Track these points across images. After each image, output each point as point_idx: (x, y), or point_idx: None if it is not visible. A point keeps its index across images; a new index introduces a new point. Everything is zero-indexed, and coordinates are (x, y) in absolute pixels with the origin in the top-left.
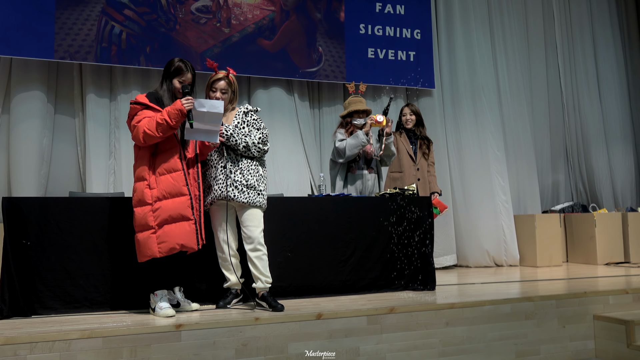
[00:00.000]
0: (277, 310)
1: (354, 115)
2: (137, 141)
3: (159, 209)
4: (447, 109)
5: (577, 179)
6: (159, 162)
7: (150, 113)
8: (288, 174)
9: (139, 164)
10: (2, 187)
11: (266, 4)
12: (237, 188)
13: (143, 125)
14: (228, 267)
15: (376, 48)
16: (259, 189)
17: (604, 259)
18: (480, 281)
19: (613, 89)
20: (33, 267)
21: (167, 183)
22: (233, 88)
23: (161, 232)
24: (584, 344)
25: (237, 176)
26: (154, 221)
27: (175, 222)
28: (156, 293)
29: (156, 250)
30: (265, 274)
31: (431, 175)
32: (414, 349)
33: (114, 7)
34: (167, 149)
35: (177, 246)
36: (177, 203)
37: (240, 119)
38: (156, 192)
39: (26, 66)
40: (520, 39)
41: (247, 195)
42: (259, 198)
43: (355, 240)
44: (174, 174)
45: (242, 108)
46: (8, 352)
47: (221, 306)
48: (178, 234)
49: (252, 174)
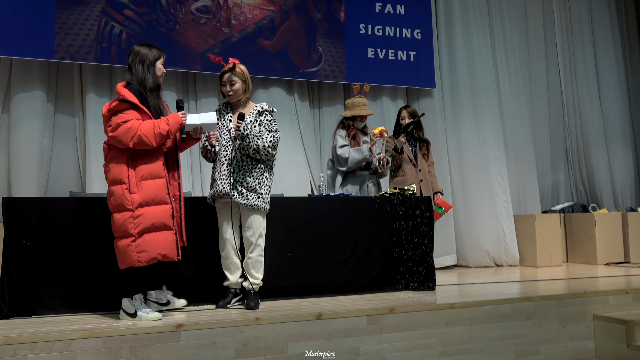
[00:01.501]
0: (249, 309)
1: (357, 119)
2: (119, 142)
3: (140, 216)
4: (447, 109)
5: (577, 179)
6: (142, 166)
7: (137, 114)
8: (288, 174)
9: (114, 164)
10: (2, 187)
11: (266, 4)
12: (237, 189)
13: (141, 130)
14: (228, 266)
15: (376, 48)
16: (259, 192)
17: (604, 259)
18: (480, 281)
19: (613, 89)
20: (33, 267)
21: (151, 189)
22: (243, 78)
23: (141, 240)
24: (584, 344)
25: (240, 177)
26: (134, 228)
27: (158, 231)
28: (135, 297)
29: (135, 259)
30: (255, 275)
31: (432, 175)
32: (414, 349)
33: (114, 7)
34: (152, 154)
35: (158, 256)
36: (160, 211)
37: (254, 118)
38: (137, 197)
39: (26, 66)
40: (520, 39)
41: (246, 197)
42: (259, 202)
43: (355, 240)
44: (157, 181)
45: (258, 107)
46: (8, 352)
47: (221, 306)
48: (160, 244)
49: (256, 177)
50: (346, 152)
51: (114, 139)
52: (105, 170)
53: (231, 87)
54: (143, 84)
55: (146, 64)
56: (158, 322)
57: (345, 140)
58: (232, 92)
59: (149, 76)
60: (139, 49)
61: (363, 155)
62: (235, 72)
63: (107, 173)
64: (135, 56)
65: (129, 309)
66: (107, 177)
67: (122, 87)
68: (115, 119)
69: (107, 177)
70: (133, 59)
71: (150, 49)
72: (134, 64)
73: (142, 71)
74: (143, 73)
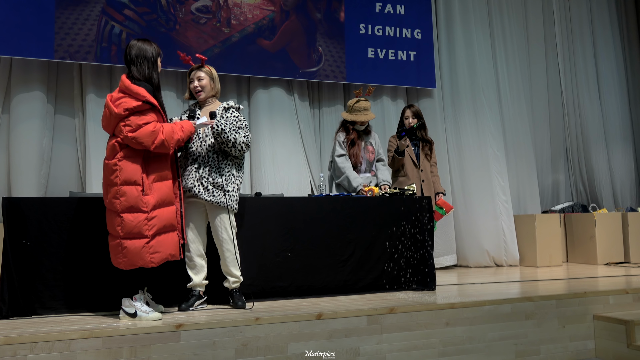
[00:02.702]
0: (238, 308)
1: (358, 123)
2: (139, 143)
3: (155, 218)
4: (447, 109)
5: (577, 179)
6: (153, 168)
7: (156, 117)
8: (288, 174)
9: (128, 163)
10: (2, 187)
11: (266, 4)
12: (202, 185)
13: (164, 135)
14: (193, 267)
15: (376, 48)
16: (227, 190)
17: (604, 259)
18: (480, 281)
19: (613, 89)
20: (33, 267)
21: (162, 191)
22: (211, 76)
23: (155, 242)
24: (584, 344)
25: (206, 173)
26: (149, 230)
27: (167, 232)
28: (135, 297)
29: (149, 260)
30: (233, 273)
31: (434, 175)
32: (414, 349)
33: (114, 7)
34: (162, 155)
35: (169, 256)
36: (170, 212)
37: (220, 115)
38: (152, 199)
39: (26, 66)
40: (520, 39)
41: (212, 194)
42: (225, 199)
43: (355, 240)
44: (167, 182)
45: (224, 104)
46: (8, 352)
47: (183, 308)
48: (169, 244)
49: (222, 174)
50: (343, 169)
51: (134, 139)
52: (111, 168)
53: (199, 82)
54: (150, 81)
55: (151, 61)
56: (158, 322)
57: (343, 148)
58: (199, 87)
59: (154, 74)
60: (140, 44)
61: (352, 187)
62: (203, 68)
63: (115, 171)
64: (139, 52)
65: (129, 309)
66: (116, 175)
67: (135, 86)
68: (135, 119)
69: (114, 176)
70: (137, 55)
71: (151, 45)
72: (138, 59)
73: (148, 68)
74: (149, 70)
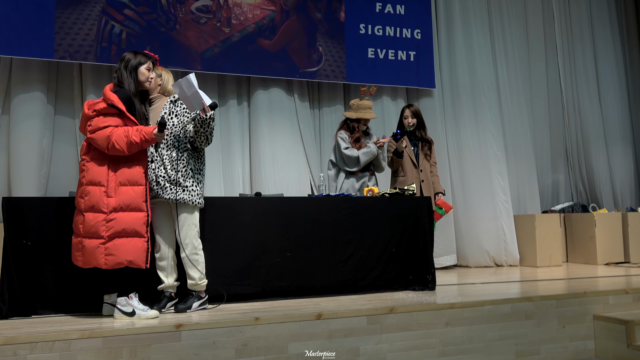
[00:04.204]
0: (177, 311)
1: (362, 122)
2: (97, 144)
3: (113, 220)
4: (447, 109)
5: (577, 179)
6: (122, 171)
7: (119, 121)
8: (288, 174)
9: (95, 165)
10: (2, 187)
11: (266, 4)
12: (159, 183)
13: (113, 137)
14: (163, 268)
15: (376, 48)
16: (184, 185)
17: (604, 259)
18: (480, 281)
19: (613, 90)
20: (33, 267)
21: (128, 195)
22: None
23: (111, 244)
24: (584, 344)
25: (160, 171)
26: (106, 232)
27: (128, 237)
28: (131, 296)
29: (102, 261)
30: (191, 274)
31: (434, 175)
32: (414, 349)
33: (114, 6)
34: (134, 159)
35: (124, 262)
36: (133, 218)
37: (168, 109)
38: (114, 201)
39: (26, 66)
40: (520, 39)
41: (169, 191)
42: (184, 195)
43: (355, 240)
44: (136, 188)
45: (171, 97)
46: (8, 352)
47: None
48: (129, 250)
49: (178, 168)
50: (355, 152)
51: (93, 140)
52: (81, 167)
53: (157, 76)
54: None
55: (128, 69)
56: (156, 320)
57: (348, 142)
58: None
59: (131, 81)
60: (125, 55)
61: (372, 154)
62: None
63: (84, 171)
64: (121, 62)
65: (126, 307)
66: (84, 174)
67: (110, 92)
68: (97, 120)
69: (81, 175)
70: (119, 64)
71: (135, 55)
72: (120, 68)
73: (126, 76)
74: (126, 79)
